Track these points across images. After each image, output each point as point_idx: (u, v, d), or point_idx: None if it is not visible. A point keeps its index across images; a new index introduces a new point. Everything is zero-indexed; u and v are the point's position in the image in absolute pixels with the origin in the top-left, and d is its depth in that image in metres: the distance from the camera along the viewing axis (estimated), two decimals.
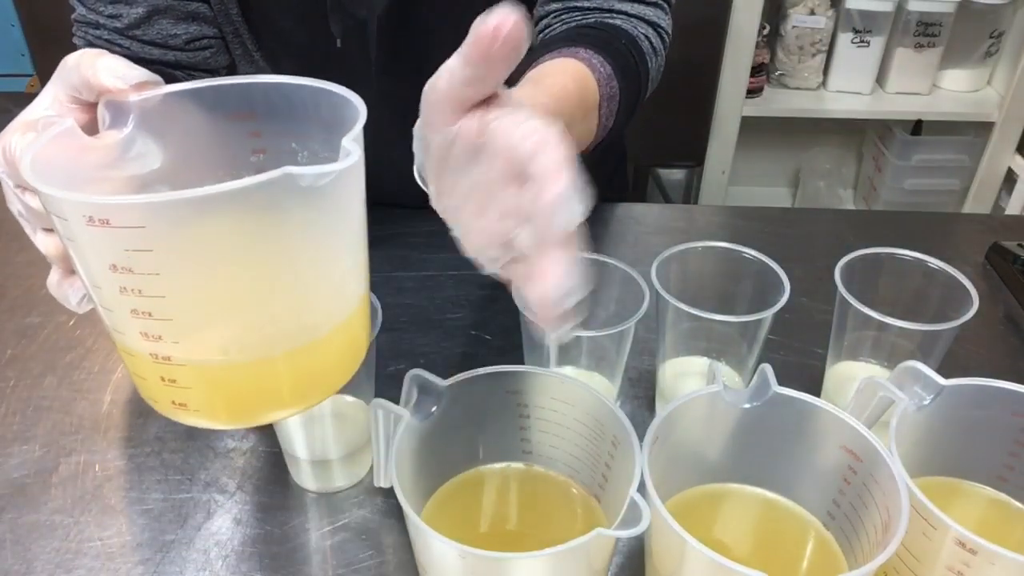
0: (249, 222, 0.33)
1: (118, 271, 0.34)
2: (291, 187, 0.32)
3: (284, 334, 0.37)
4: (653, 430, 0.47)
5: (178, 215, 0.32)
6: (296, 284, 0.36)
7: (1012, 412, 0.52)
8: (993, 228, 0.91)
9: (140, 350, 0.37)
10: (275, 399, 0.39)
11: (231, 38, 0.78)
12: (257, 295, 0.35)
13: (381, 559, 0.56)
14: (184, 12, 0.72)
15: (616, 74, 0.65)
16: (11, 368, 0.71)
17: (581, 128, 0.61)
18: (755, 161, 2.12)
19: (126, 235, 0.32)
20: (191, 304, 0.35)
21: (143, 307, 0.34)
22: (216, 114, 0.41)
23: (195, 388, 0.37)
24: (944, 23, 1.84)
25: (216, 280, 0.35)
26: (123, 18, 0.70)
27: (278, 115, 0.41)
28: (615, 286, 0.64)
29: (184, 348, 0.36)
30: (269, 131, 0.41)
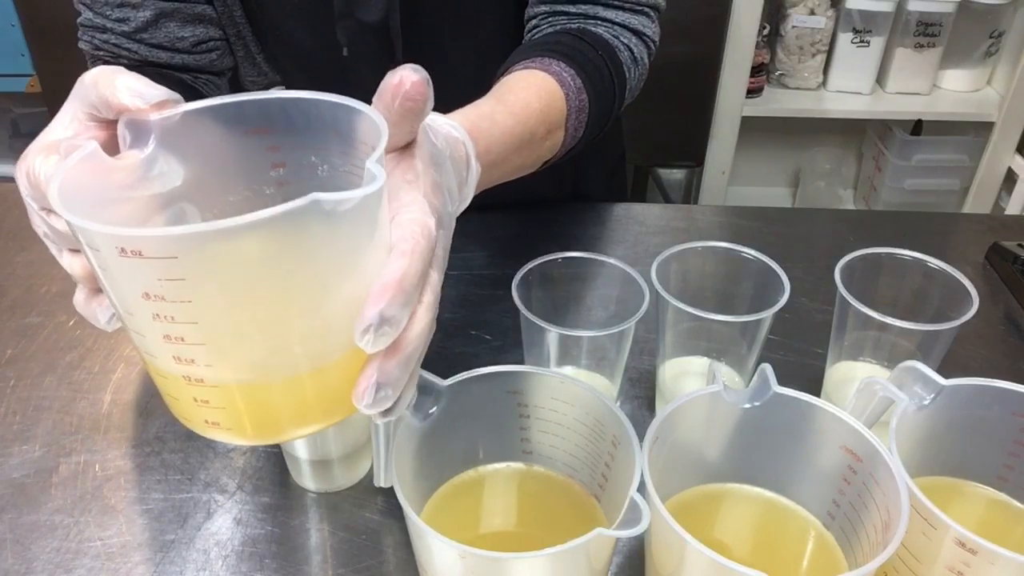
0: (276, 247, 0.34)
1: (151, 299, 0.34)
2: (317, 211, 0.33)
3: (312, 353, 0.37)
4: (653, 430, 0.47)
5: (209, 245, 0.33)
6: (323, 304, 0.37)
7: (1012, 412, 0.52)
8: (993, 228, 0.91)
9: (173, 372, 0.37)
10: (305, 416, 0.40)
11: (234, 40, 0.78)
12: (286, 317, 0.36)
13: (381, 559, 0.56)
14: (191, 14, 0.72)
15: (587, 87, 0.65)
16: (11, 368, 0.71)
17: (544, 143, 0.63)
18: (755, 161, 2.12)
19: (159, 265, 0.33)
20: (222, 329, 0.36)
21: (176, 333, 0.35)
22: (235, 130, 0.41)
23: (228, 408, 0.38)
24: (944, 23, 1.84)
25: (246, 305, 0.35)
26: (130, 22, 0.70)
27: (296, 129, 0.41)
28: (615, 286, 0.64)
29: (216, 371, 0.37)
30: (288, 145, 0.42)
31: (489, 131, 0.54)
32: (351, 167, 0.39)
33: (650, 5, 0.74)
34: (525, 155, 0.61)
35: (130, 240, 0.32)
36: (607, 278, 0.64)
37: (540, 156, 0.64)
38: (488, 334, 0.75)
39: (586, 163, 0.96)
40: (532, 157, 0.63)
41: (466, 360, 0.72)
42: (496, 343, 0.74)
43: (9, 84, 1.88)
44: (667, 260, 0.63)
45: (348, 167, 0.40)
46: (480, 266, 0.83)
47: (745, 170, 2.08)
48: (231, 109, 0.41)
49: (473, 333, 0.75)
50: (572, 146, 0.67)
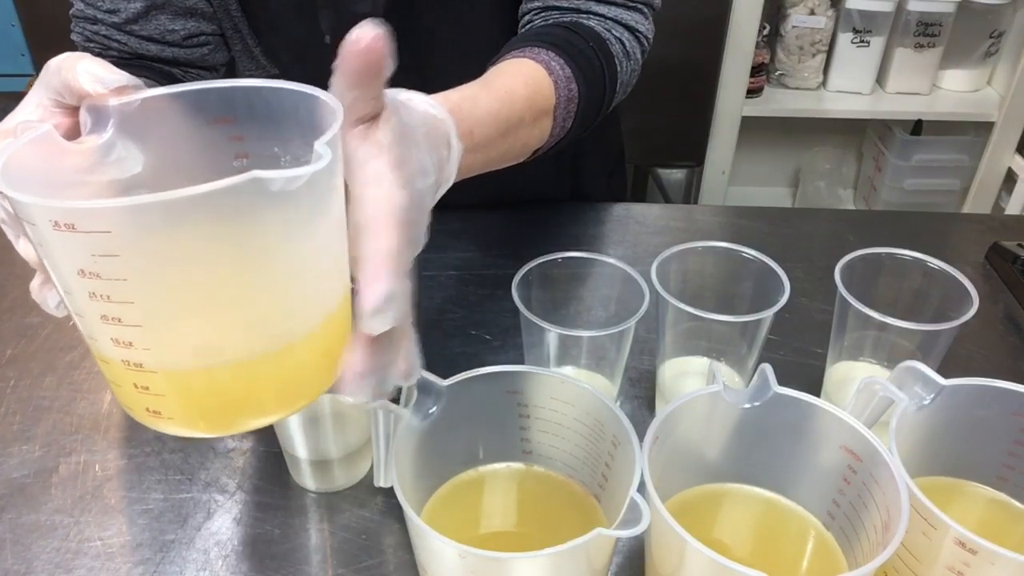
0: (218, 227, 0.33)
1: (86, 276, 0.33)
2: (261, 191, 0.32)
3: (258, 339, 0.36)
4: (653, 430, 0.47)
5: (144, 220, 0.32)
6: (269, 289, 0.36)
7: (1012, 412, 0.52)
8: (993, 228, 0.91)
9: (112, 356, 0.36)
10: (253, 406, 0.39)
11: (231, 34, 0.78)
12: (229, 301, 0.35)
13: (381, 559, 0.56)
14: (182, 7, 0.72)
15: (577, 77, 0.65)
16: (11, 368, 0.71)
17: (532, 130, 0.62)
18: (755, 161, 2.12)
19: (92, 240, 0.32)
20: (160, 310, 0.35)
21: (112, 313, 0.34)
22: (197, 118, 0.41)
23: (168, 395, 0.37)
24: (944, 23, 1.84)
25: (185, 286, 0.34)
26: (121, 13, 0.70)
27: (259, 119, 0.40)
28: (615, 286, 0.64)
29: (155, 354, 0.36)
30: (251, 135, 0.41)
31: (471, 112, 0.53)
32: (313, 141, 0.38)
33: (644, 2, 0.74)
34: (511, 140, 0.60)
35: (62, 212, 0.31)
36: (607, 278, 0.64)
37: (527, 144, 0.63)
38: (488, 334, 0.75)
39: (585, 162, 0.96)
40: (519, 144, 0.62)
41: (466, 360, 0.72)
42: (496, 343, 0.74)
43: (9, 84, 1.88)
44: (667, 260, 0.63)
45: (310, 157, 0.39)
46: (480, 266, 0.83)
47: (745, 170, 2.08)
48: (193, 96, 0.40)
49: (473, 333, 0.75)
50: (561, 136, 0.67)
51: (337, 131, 0.36)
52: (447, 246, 0.85)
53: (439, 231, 0.45)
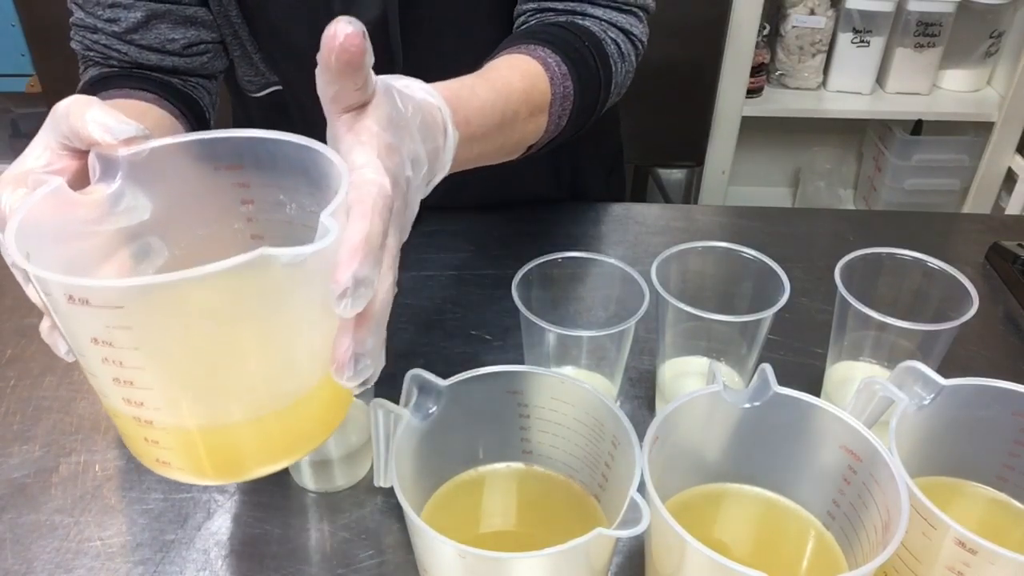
0: (224, 298, 0.34)
1: (99, 344, 0.34)
2: (269, 266, 0.33)
3: (266, 399, 0.37)
4: (653, 430, 0.47)
5: (156, 296, 0.33)
6: (276, 353, 0.37)
7: (1012, 412, 0.52)
8: (993, 228, 0.91)
9: (123, 413, 0.37)
10: (262, 457, 0.40)
11: (230, 40, 0.77)
12: (237, 366, 0.36)
13: (381, 559, 0.56)
14: (182, 16, 0.72)
15: (572, 75, 0.65)
16: (11, 368, 0.71)
17: (527, 125, 0.62)
18: (755, 161, 2.12)
19: (106, 313, 0.33)
20: (171, 376, 0.36)
21: (124, 376, 0.35)
22: (204, 166, 0.42)
23: (178, 449, 0.38)
24: (944, 23, 1.84)
25: (195, 353, 0.35)
26: (121, 22, 0.70)
27: (265, 168, 0.41)
28: (615, 286, 0.64)
29: (165, 414, 0.37)
30: (257, 183, 0.42)
31: (468, 101, 0.53)
32: (319, 206, 0.39)
33: (638, 5, 0.74)
34: (507, 133, 0.60)
35: (77, 289, 0.32)
36: (607, 278, 0.64)
37: (523, 139, 0.63)
38: (488, 334, 0.75)
39: (584, 161, 0.96)
40: (514, 137, 0.62)
41: (466, 360, 0.72)
42: (496, 343, 0.74)
43: (9, 84, 1.88)
44: (667, 260, 0.63)
45: (315, 206, 0.40)
46: (480, 266, 0.83)
47: (745, 170, 2.08)
48: (200, 146, 0.41)
49: (473, 333, 0.75)
50: (556, 134, 0.67)
51: (343, 199, 0.37)
52: (447, 246, 0.85)
53: (439, 231, 0.45)
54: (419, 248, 0.85)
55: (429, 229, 0.87)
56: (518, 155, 0.65)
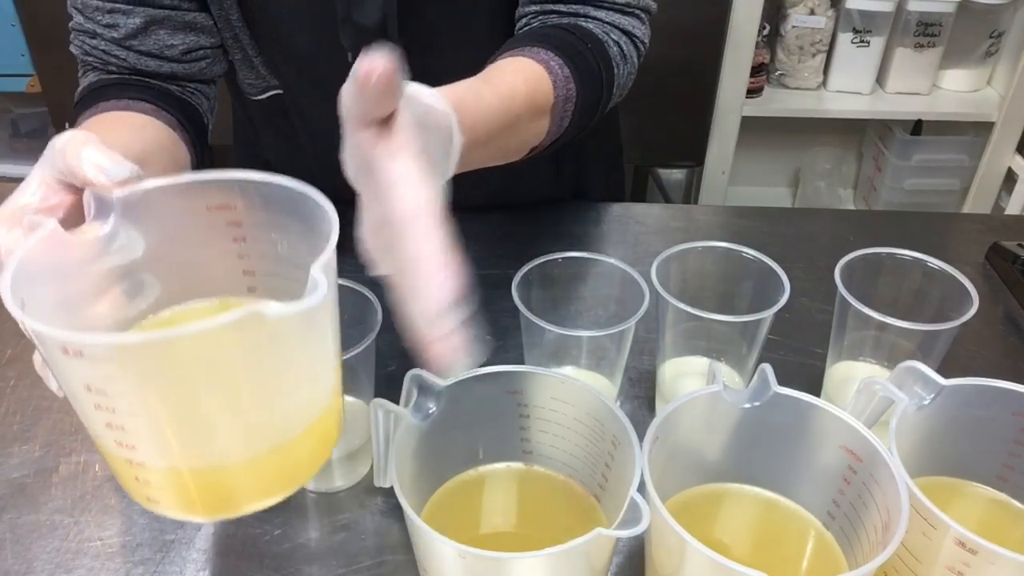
0: (219, 352, 0.35)
1: (92, 392, 0.35)
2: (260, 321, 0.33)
3: (256, 443, 0.38)
4: (653, 430, 0.47)
5: (147, 351, 0.34)
6: (267, 402, 0.38)
7: (1012, 412, 0.52)
8: (993, 228, 0.91)
9: (115, 455, 0.38)
10: (251, 496, 0.41)
11: (231, 43, 0.77)
12: (229, 414, 0.37)
13: (381, 559, 0.56)
14: (181, 22, 0.72)
15: (575, 77, 0.65)
16: (11, 368, 0.71)
17: (530, 127, 0.62)
18: (755, 161, 2.12)
19: (99, 365, 0.34)
20: (163, 423, 0.37)
21: (116, 422, 0.36)
22: (197, 205, 0.43)
23: (168, 489, 0.39)
24: (944, 23, 1.84)
25: (187, 403, 0.36)
26: (120, 28, 0.69)
27: (256, 208, 0.42)
28: (615, 286, 0.64)
29: (156, 458, 0.38)
30: (249, 222, 0.43)
31: (475, 106, 0.53)
32: (310, 246, 0.40)
33: (641, 7, 0.74)
34: (510, 137, 0.60)
35: (71, 343, 0.33)
36: (607, 278, 0.64)
37: (525, 141, 0.64)
38: (488, 334, 0.75)
39: (585, 161, 0.96)
40: (517, 141, 0.62)
41: None
42: (496, 343, 0.74)
43: (9, 84, 1.88)
44: (667, 260, 0.63)
45: (307, 246, 0.41)
46: (480, 266, 0.83)
47: (745, 170, 2.08)
48: (193, 187, 0.42)
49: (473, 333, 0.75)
50: (558, 135, 0.67)
51: (333, 250, 0.38)
52: None
53: None
54: None
55: None
56: (520, 157, 0.65)
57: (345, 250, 0.80)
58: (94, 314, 0.42)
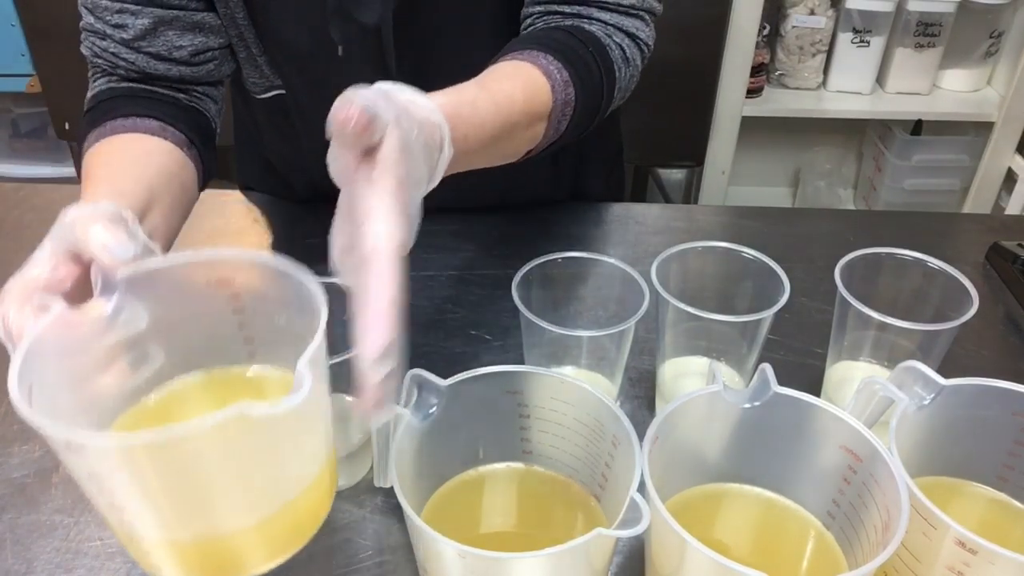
0: (211, 446, 0.37)
1: (93, 479, 0.38)
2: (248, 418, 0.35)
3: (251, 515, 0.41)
4: (653, 430, 0.47)
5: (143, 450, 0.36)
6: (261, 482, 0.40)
7: (1012, 412, 0.52)
8: (993, 228, 0.91)
9: (118, 530, 0.41)
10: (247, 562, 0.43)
11: (236, 42, 0.77)
12: (223, 496, 0.40)
13: (381, 559, 0.56)
14: (190, 23, 0.72)
15: (574, 81, 0.65)
16: None
17: (526, 134, 0.63)
18: (755, 161, 2.12)
19: (98, 459, 0.37)
20: (161, 506, 0.39)
21: (117, 502, 0.39)
22: (198, 280, 0.45)
23: (168, 560, 0.42)
24: (944, 23, 1.84)
25: (183, 489, 0.39)
26: (129, 29, 0.70)
27: (254, 284, 0.45)
28: (615, 286, 0.64)
29: (157, 534, 0.40)
30: (248, 295, 0.46)
31: (469, 119, 0.54)
32: (307, 320, 0.42)
33: (645, 9, 0.74)
34: (504, 145, 0.61)
35: (72, 441, 0.36)
36: (607, 278, 0.64)
37: (518, 148, 0.64)
38: (488, 334, 0.75)
39: (585, 161, 0.96)
40: (511, 148, 0.63)
41: (466, 360, 0.72)
42: (496, 343, 0.74)
43: (9, 84, 1.88)
44: (667, 260, 0.63)
45: (304, 320, 0.43)
46: (480, 266, 0.83)
47: (745, 170, 2.08)
48: (195, 264, 0.45)
49: (473, 333, 0.75)
50: (555, 139, 0.67)
51: (321, 340, 0.40)
52: (447, 246, 0.85)
53: (439, 231, 0.45)
54: (419, 248, 0.85)
55: (429, 229, 0.87)
56: (515, 160, 0.65)
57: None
58: (101, 386, 0.45)
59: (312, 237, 0.89)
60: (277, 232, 0.89)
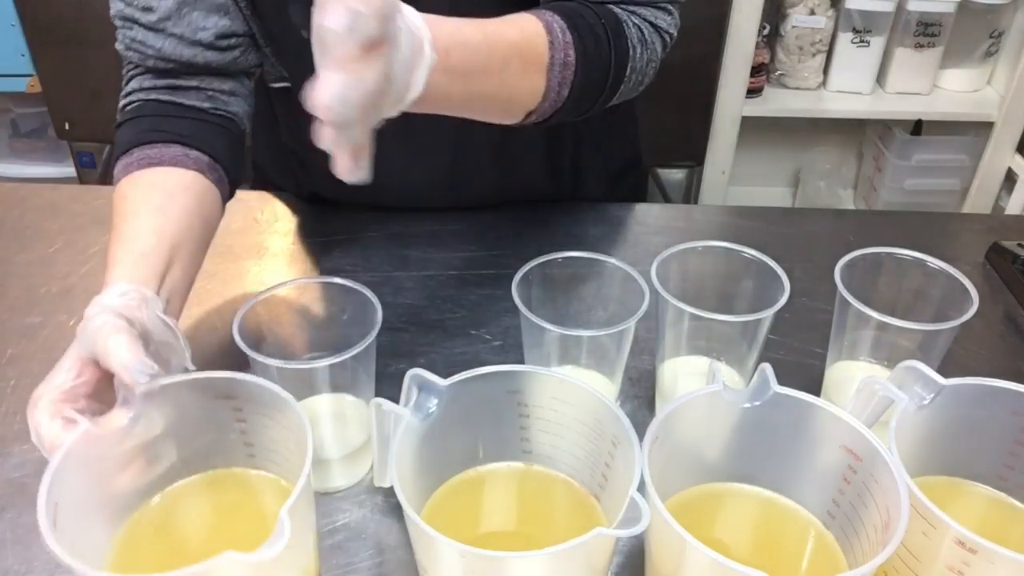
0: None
1: None
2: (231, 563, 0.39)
3: None
4: (653, 430, 0.47)
5: None
6: None
7: (1012, 412, 0.52)
8: (993, 228, 0.91)
9: None
10: None
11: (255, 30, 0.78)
12: None
13: (381, 559, 0.56)
14: (213, 4, 0.73)
15: (577, 46, 0.64)
16: (11, 368, 0.71)
17: (521, 81, 0.62)
18: (755, 161, 2.12)
19: None
20: None
21: None
22: (206, 394, 0.51)
23: None
24: (944, 23, 1.84)
25: None
26: (155, 11, 0.71)
27: (254, 400, 0.51)
28: (615, 286, 0.64)
29: None
30: (249, 408, 0.52)
31: (451, 34, 0.54)
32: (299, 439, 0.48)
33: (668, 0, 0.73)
34: (496, 81, 0.60)
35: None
36: (607, 278, 0.64)
37: (515, 94, 0.62)
38: (488, 334, 0.75)
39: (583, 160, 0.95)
40: (505, 90, 0.61)
41: (466, 360, 0.72)
42: (496, 343, 0.74)
43: (9, 84, 1.88)
44: (667, 260, 0.63)
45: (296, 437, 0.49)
46: (480, 266, 0.83)
47: (745, 170, 2.08)
48: (203, 383, 0.51)
49: (473, 333, 0.75)
50: (558, 105, 0.66)
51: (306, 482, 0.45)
52: (447, 246, 0.85)
53: (439, 231, 0.45)
54: (419, 248, 0.85)
55: (429, 229, 0.87)
56: (517, 119, 0.64)
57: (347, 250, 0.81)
58: (120, 483, 0.51)
59: (313, 237, 0.89)
60: (277, 232, 0.89)
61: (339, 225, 0.88)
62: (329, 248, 0.86)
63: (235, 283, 0.81)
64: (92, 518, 0.49)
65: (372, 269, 0.82)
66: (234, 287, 0.80)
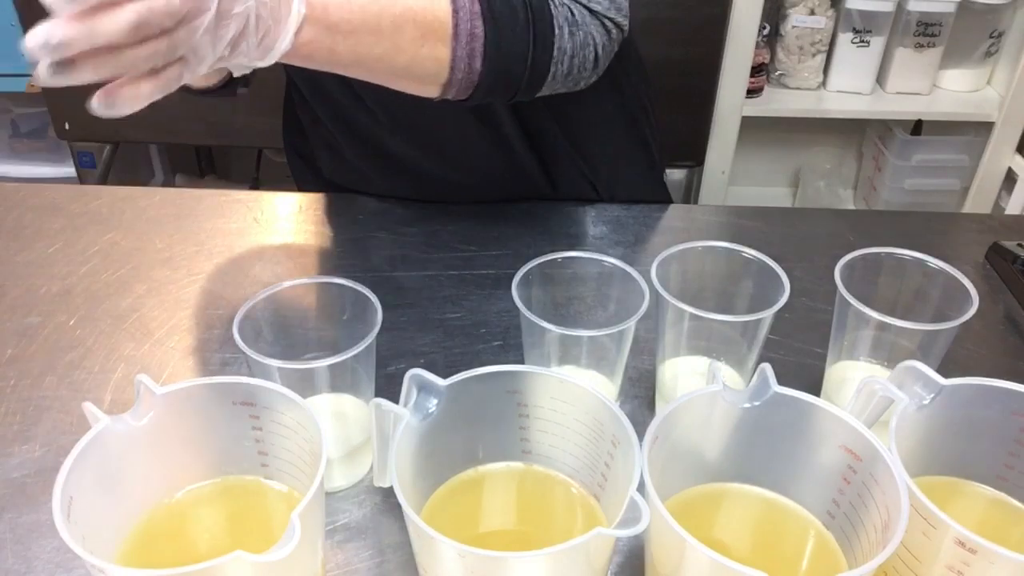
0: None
1: None
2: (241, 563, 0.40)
3: None
4: (653, 430, 0.47)
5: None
6: None
7: (1012, 412, 0.52)
8: (993, 228, 0.91)
9: None
10: None
11: None
12: None
13: (381, 559, 0.56)
14: None
15: (486, 17, 0.63)
16: (11, 368, 0.71)
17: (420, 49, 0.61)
18: (755, 161, 2.12)
19: None
20: None
21: None
22: (224, 399, 0.51)
23: None
24: (944, 23, 1.84)
25: None
26: None
27: (270, 407, 0.51)
28: (615, 286, 0.64)
29: None
30: (264, 415, 0.52)
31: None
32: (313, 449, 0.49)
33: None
34: (387, 45, 0.59)
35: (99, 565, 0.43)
36: (607, 278, 0.64)
37: (414, 62, 0.62)
38: (488, 334, 0.75)
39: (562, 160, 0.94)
40: (402, 57, 0.60)
41: (466, 360, 0.72)
42: (496, 343, 0.74)
43: (9, 84, 1.88)
44: (667, 260, 0.63)
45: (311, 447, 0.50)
46: (480, 266, 0.83)
47: (745, 170, 2.08)
48: (221, 387, 0.51)
49: (473, 333, 0.75)
50: (476, 80, 0.65)
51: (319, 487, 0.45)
52: (447, 246, 0.85)
53: (439, 231, 0.45)
54: (419, 248, 0.85)
55: (429, 229, 0.87)
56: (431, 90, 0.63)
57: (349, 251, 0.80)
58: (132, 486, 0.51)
59: (313, 237, 0.89)
60: (277, 232, 0.89)
61: (339, 225, 0.88)
62: (329, 248, 0.86)
63: (235, 283, 0.81)
64: (104, 516, 0.49)
65: (372, 269, 0.82)
66: (234, 287, 0.80)
